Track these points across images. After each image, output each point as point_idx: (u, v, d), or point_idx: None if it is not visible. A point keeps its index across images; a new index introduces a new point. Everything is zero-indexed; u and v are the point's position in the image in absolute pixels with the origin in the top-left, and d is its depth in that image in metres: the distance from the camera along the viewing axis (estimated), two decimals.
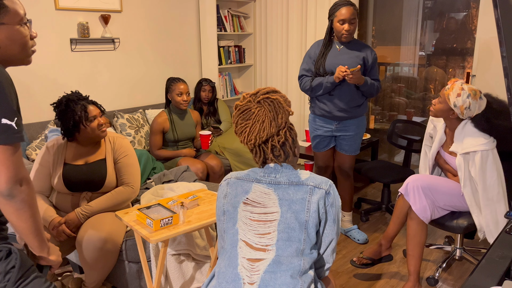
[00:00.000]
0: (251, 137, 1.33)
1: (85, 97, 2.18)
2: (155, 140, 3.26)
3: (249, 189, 1.36)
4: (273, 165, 1.37)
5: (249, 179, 1.38)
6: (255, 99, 1.34)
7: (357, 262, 2.46)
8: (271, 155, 1.35)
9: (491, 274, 1.10)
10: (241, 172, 1.42)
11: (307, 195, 1.30)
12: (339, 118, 2.74)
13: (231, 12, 4.53)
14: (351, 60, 2.64)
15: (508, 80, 1.35)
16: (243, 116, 1.34)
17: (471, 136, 2.17)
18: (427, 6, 3.94)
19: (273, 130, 1.32)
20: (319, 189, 1.31)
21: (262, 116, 1.32)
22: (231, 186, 1.39)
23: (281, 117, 1.33)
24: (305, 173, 1.36)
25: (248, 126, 1.33)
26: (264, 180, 1.36)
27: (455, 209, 2.31)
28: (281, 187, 1.33)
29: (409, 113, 4.27)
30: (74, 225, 2.08)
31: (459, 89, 2.17)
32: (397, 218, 2.37)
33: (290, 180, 1.33)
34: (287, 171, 1.35)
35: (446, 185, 2.29)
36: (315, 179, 1.33)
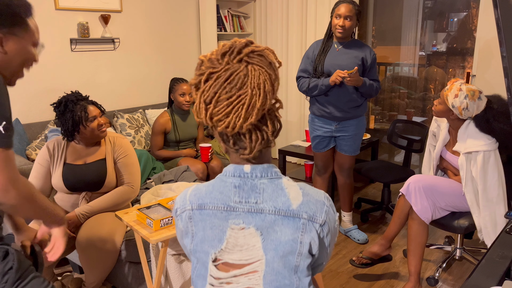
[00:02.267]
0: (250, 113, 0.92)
1: (85, 97, 2.18)
2: (156, 140, 3.26)
3: (222, 233, 0.98)
4: (249, 169, 0.98)
5: (218, 208, 0.99)
6: (234, 58, 0.93)
7: (356, 261, 2.46)
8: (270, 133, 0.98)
9: (491, 274, 1.10)
10: (201, 191, 1.01)
11: (299, 233, 0.96)
12: (339, 119, 2.74)
13: (231, 12, 4.53)
14: (349, 61, 2.64)
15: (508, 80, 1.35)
16: (231, 85, 0.92)
17: (474, 136, 2.18)
18: (427, 6, 3.94)
19: (275, 94, 0.97)
20: (314, 224, 0.96)
21: (260, 77, 0.93)
22: (196, 224, 1.01)
23: (276, 73, 0.97)
24: (295, 191, 0.98)
25: (247, 96, 0.91)
26: (241, 208, 0.97)
27: (456, 209, 2.31)
28: (265, 220, 0.96)
29: (409, 113, 4.27)
30: (73, 225, 2.08)
31: (457, 90, 2.17)
32: (397, 218, 2.37)
33: (276, 207, 0.96)
34: (270, 185, 0.97)
35: (448, 185, 2.29)
36: (309, 204, 0.97)
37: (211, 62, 0.94)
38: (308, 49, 2.80)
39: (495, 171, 2.14)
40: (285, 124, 4.64)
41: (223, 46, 0.95)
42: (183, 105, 3.24)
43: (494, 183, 2.14)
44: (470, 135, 2.19)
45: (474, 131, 2.19)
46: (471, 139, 2.18)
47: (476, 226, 2.24)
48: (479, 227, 2.22)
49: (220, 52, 0.94)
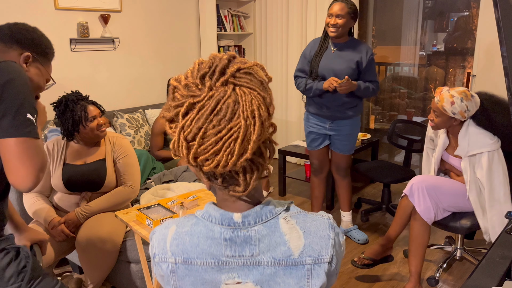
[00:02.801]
0: (246, 145, 0.75)
1: (85, 97, 2.18)
2: (156, 141, 3.26)
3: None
4: (240, 219, 0.82)
5: (208, 264, 0.83)
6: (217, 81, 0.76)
7: (358, 262, 2.46)
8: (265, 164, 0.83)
9: (491, 274, 1.10)
10: (185, 241, 0.84)
11: (305, 281, 0.83)
12: (333, 118, 2.74)
13: (231, 12, 4.52)
14: (343, 65, 2.62)
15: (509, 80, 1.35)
16: (218, 116, 0.74)
17: (475, 138, 2.17)
18: (427, 6, 3.94)
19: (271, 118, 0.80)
20: (321, 265, 0.83)
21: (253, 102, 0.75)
22: (181, 279, 0.85)
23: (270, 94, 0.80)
24: (296, 235, 0.83)
25: (241, 129, 0.74)
26: (235, 262, 0.82)
27: (458, 209, 2.31)
28: (264, 273, 0.82)
29: (409, 113, 4.27)
30: (73, 225, 2.08)
31: (450, 97, 2.15)
32: (400, 219, 2.36)
33: (275, 258, 0.81)
34: (267, 233, 0.82)
35: (451, 186, 2.29)
36: (313, 245, 0.83)
37: (188, 88, 0.76)
38: (306, 47, 2.79)
39: (500, 170, 2.14)
40: (285, 124, 4.64)
41: (199, 65, 0.79)
42: None
43: (500, 181, 2.14)
44: (472, 137, 2.18)
45: (474, 132, 2.18)
46: (473, 141, 2.17)
47: (481, 227, 2.23)
48: (484, 229, 2.22)
49: (199, 75, 0.77)
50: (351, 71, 2.62)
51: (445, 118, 2.22)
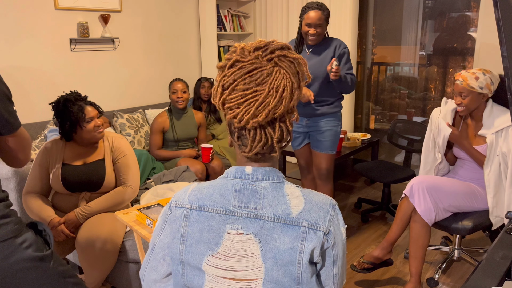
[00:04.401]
0: (260, 112, 0.89)
1: (83, 98, 2.17)
2: (154, 139, 3.26)
3: (219, 237, 0.94)
4: (251, 171, 0.96)
5: (217, 211, 0.95)
6: (265, 56, 0.92)
7: (358, 266, 2.44)
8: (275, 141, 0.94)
9: (491, 275, 1.10)
10: (202, 192, 0.98)
11: (299, 242, 0.91)
12: (308, 115, 2.70)
13: (231, 11, 4.52)
14: (319, 64, 2.61)
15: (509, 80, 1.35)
16: (251, 78, 0.90)
17: (501, 114, 2.22)
18: (428, 6, 3.94)
19: (293, 103, 0.93)
20: (316, 232, 0.91)
21: (283, 81, 0.91)
22: (191, 224, 0.96)
23: (302, 85, 0.95)
24: (297, 198, 0.94)
25: (262, 95, 0.89)
26: (240, 212, 0.94)
27: (459, 210, 2.30)
28: (264, 227, 0.92)
29: (409, 113, 4.27)
30: (73, 225, 2.08)
31: (472, 74, 2.23)
32: (400, 220, 2.35)
33: (276, 214, 0.92)
34: (272, 191, 0.94)
35: (451, 185, 2.29)
36: (311, 212, 0.92)
37: (242, 51, 0.93)
38: None
39: None
40: None
41: (259, 41, 0.94)
42: (177, 102, 3.25)
43: None
44: (496, 115, 2.23)
45: (499, 110, 2.23)
46: (498, 118, 2.22)
47: (489, 207, 2.24)
48: (491, 209, 2.23)
49: (254, 46, 0.93)
50: (325, 71, 2.60)
51: (474, 95, 2.24)
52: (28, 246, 1.22)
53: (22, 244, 1.20)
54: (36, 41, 3.15)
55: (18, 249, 1.20)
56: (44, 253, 1.24)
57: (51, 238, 1.31)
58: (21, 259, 1.20)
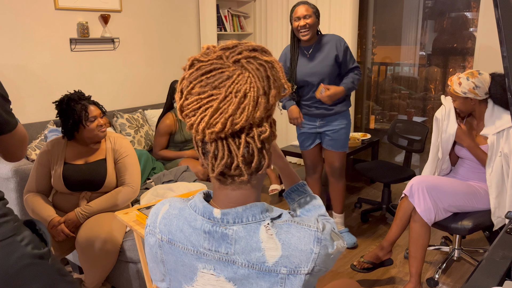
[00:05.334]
0: (215, 121, 0.76)
1: (87, 97, 2.18)
2: (160, 141, 3.26)
3: (193, 273, 0.88)
4: (219, 215, 0.84)
5: (188, 250, 0.86)
6: (231, 57, 0.78)
7: (358, 266, 2.44)
8: (240, 160, 0.79)
9: (491, 275, 1.10)
10: (172, 223, 0.89)
11: (278, 286, 0.83)
12: (321, 116, 2.73)
13: (231, 12, 4.52)
14: (321, 64, 2.61)
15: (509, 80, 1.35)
16: (208, 80, 0.77)
17: (501, 115, 2.22)
18: (428, 6, 3.94)
19: (259, 113, 0.77)
20: (296, 276, 0.82)
21: (245, 85, 0.76)
22: (167, 255, 0.90)
23: (275, 94, 0.78)
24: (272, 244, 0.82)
25: (217, 100, 0.75)
26: (211, 256, 0.84)
27: (459, 209, 2.30)
28: (238, 273, 0.83)
29: (409, 113, 4.27)
30: (73, 225, 2.08)
31: (457, 79, 2.26)
32: (400, 220, 2.35)
33: (249, 261, 0.82)
34: (245, 237, 0.83)
35: (451, 185, 2.29)
36: (291, 258, 0.82)
37: (207, 50, 0.80)
38: (279, 58, 2.77)
39: None
40: (285, 124, 4.64)
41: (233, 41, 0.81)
42: None
43: None
44: (498, 116, 2.23)
45: (500, 110, 2.23)
46: (499, 118, 2.22)
47: (491, 208, 2.24)
48: (493, 209, 2.23)
49: (222, 46, 0.80)
50: (330, 68, 2.60)
51: (461, 100, 2.29)
52: (28, 244, 1.22)
53: (21, 242, 1.21)
54: (36, 41, 3.15)
55: (19, 246, 1.20)
56: (42, 251, 1.24)
57: (47, 236, 1.31)
58: (22, 256, 1.20)
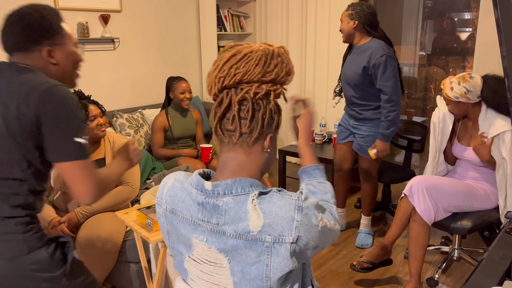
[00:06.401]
0: (223, 68, 0.92)
1: (87, 97, 2.18)
2: (156, 137, 3.27)
3: (190, 243, 0.96)
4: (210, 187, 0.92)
5: (186, 219, 0.95)
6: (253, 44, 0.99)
7: (357, 266, 2.43)
8: (236, 108, 0.92)
9: (491, 275, 1.10)
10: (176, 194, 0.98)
11: (265, 256, 0.88)
12: (354, 117, 2.77)
13: (231, 12, 4.52)
14: (352, 70, 2.61)
15: (508, 80, 1.35)
16: (225, 50, 0.97)
17: (495, 119, 2.20)
18: (428, 6, 3.94)
19: (258, 69, 0.92)
20: (282, 245, 0.86)
21: (252, 49, 0.94)
22: (170, 224, 1.00)
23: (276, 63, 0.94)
24: (256, 214, 0.87)
25: (226, 57, 0.94)
26: (204, 226, 0.92)
27: (459, 209, 2.30)
28: (227, 243, 0.90)
29: (409, 113, 4.27)
30: (73, 225, 2.08)
31: (449, 84, 2.26)
32: (399, 220, 2.35)
33: (236, 231, 0.88)
34: (234, 207, 0.89)
35: (450, 185, 2.29)
36: (273, 225, 0.86)
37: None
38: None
39: None
40: (284, 125, 4.64)
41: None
42: (183, 102, 3.27)
43: None
44: (491, 120, 2.22)
45: (493, 115, 2.22)
46: (494, 122, 2.21)
47: (499, 208, 2.24)
48: (501, 211, 2.23)
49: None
50: (357, 77, 2.57)
51: (453, 104, 2.30)
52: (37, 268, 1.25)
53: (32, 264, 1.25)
54: None
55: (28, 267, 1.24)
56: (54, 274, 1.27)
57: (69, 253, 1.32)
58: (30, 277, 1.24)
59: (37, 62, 1.28)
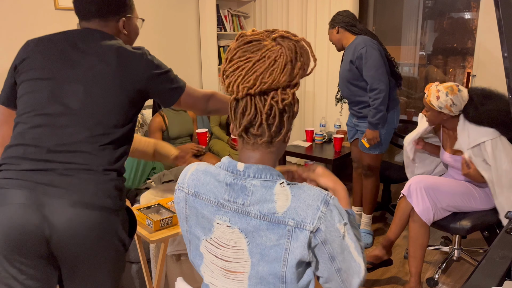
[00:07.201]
0: (249, 78, 0.90)
1: None
2: (154, 138, 3.28)
3: (211, 225, 0.98)
4: (242, 168, 0.95)
5: (210, 201, 0.98)
6: (270, 35, 0.94)
7: None
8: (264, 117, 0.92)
9: (491, 275, 1.10)
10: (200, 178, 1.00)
11: (285, 240, 0.90)
12: (354, 115, 2.88)
13: (231, 12, 4.52)
14: (343, 68, 2.78)
15: (509, 80, 1.35)
16: (248, 47, 0.93)
17: (475, 129, 2.18)
18: (428, 6, 3.94)
19: (285, 78, 0.90)
20: (302, 231, 0.88)
21: (277, 53, 0.90)
22: (190, 208, 1.02)
23: (300, 66, 0.92)
24: (284, 196, 0.91)
25: (251, 61, 0.90)
26: (229, 206, 0.95)
27: (457, 209, 2.30)
28: (250, 224, 0.92)
29: (409, 113, 4.27)
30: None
31: (436, 92, 2.20)
32: (399, 220, 2.35)
33: (262, 212, 0.91)
34: (261, 189, 0.92)
35: (449, 184, 2.29)
36: (298, 210, 0.89)
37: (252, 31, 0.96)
38: None
39: (504, 157, 2.13)
40: None
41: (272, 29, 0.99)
42: None
43: (505, 168, 2.14)
44: (471, 129, 2.20)
45: (471, 126, 2.20)
46: (473, 132, 2.19)
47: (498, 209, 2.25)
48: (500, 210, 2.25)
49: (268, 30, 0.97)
50: (347, 73, 2.74)
51: (434, 113, 2.26)
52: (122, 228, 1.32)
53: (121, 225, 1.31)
54: None
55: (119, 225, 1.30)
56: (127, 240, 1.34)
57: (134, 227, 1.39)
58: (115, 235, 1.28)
59: (112, 30, 1.38)
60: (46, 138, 1.20)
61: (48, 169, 1.17)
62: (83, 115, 1.23)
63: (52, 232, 1.15)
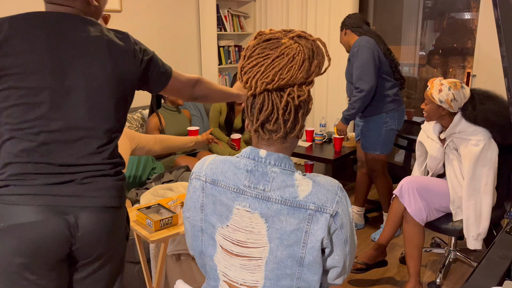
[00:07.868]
0: (267, 73, 0.93)
1: None
2: None
3: (229, 211, 1.00)
4: (264, 155, 0.99)
5: (229, 188, 1.00)
6: (288, 34, 0.97)
7: None
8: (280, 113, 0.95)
9: (491, 275, 1.10)
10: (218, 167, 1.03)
11: (305, 223, 0.94)
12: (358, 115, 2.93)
13: (231, 12, 4.52)
14: (346, 68, 2.87)
15: (508, 80, 1.35)
16: (267, 45, 0.96)
17: (466, 127, 2.17)
18: (428, 6, 3.94)
19: (302, 74, 0.94)
20: (322, 214, 0.93)
21: (295, 50, 0.94)
22: (207, 196, 1.03)
23: (316, 64, 0.97)
24: (305, 182, 0.96)
25: (270, 57, 0.94)
26: (249, 192, 0.97)
27: (450, 211, 2.29)
28: (271, 208, 0.95)
29: (409, 113, 4.27)
30: None
31: (439, 85, 2.20)
32: (392, 221, 2.34)
33: (283, 196, 0.94)
34: (281, 176, 0.96)
35: (441, 185, 2.28)
36: (318, 195, 0.94)
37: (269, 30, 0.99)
38: None
39: (487, 160, 2.13)
40: None
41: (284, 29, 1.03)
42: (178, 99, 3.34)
43: (484, 172, 2.13)
44: (462, 129, 2.19)
45: (465, 125, 2.18)
46: (464, 129, 2.19)
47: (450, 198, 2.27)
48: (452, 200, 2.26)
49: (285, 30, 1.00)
50: (347, 72, 2.83)
51: (433, 106, 2.25)
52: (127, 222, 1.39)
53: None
54: None
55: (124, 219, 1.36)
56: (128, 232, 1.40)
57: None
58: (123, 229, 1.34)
59: (81, 3, 1.29)
60: (56, 154, 1.19)
61: (66, 181, 1.19)
62: (90, 128, 1.23)
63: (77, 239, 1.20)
